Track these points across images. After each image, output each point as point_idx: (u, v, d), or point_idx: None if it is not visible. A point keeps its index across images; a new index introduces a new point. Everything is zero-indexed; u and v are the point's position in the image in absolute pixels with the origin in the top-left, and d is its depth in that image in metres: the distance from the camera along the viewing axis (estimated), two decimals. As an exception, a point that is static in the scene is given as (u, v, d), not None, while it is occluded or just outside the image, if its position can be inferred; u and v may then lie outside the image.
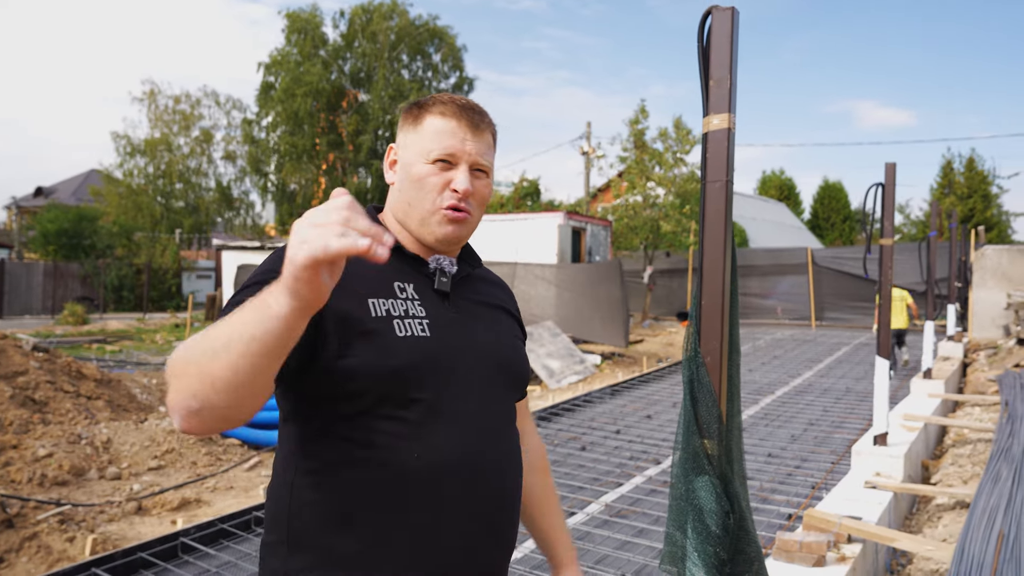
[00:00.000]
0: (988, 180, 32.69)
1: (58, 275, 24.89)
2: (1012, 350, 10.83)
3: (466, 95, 34.98)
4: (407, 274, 1.32)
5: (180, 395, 0.96)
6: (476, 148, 1.33)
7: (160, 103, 33.20)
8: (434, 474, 1.20)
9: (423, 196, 1.31)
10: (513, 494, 1.34)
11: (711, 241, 1.99)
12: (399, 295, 1.27)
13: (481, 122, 1.36)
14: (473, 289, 1.43)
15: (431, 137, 1.32)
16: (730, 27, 1.93)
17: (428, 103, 1.37)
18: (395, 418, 1.20)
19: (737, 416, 2.04)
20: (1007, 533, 3.45)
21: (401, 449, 1.19)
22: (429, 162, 1.31)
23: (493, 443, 1.30)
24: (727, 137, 1.96)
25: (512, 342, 1.45)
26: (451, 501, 1.22)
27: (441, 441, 1.21)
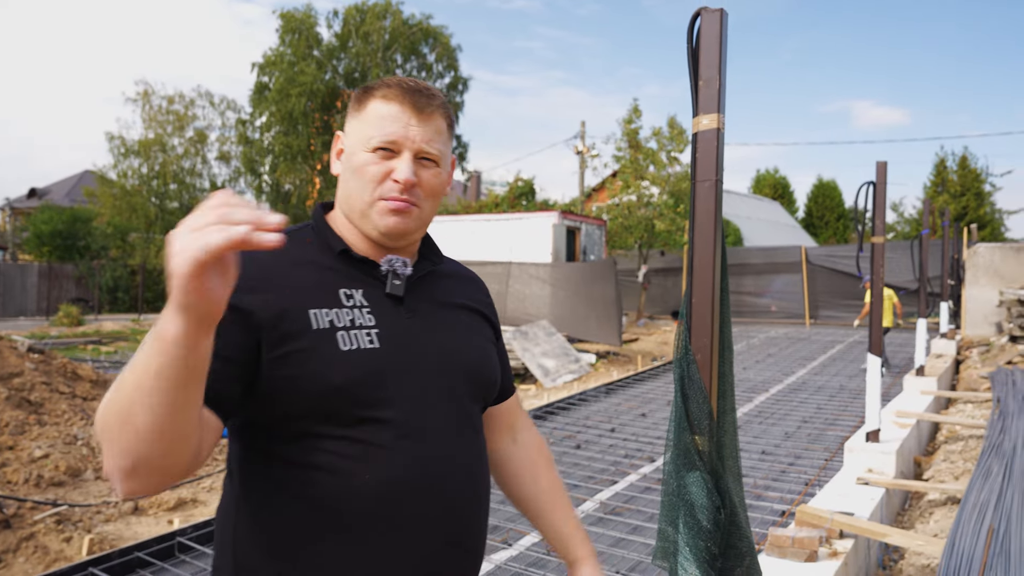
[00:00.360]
0: (981, 178, 32.83)
1: (52, 276, 24.83)
2: (1004, 347, 10.89)
3: (460, 95, 35.17)
4: (355, 279, 1.21)
5: (111, 457, 0.88)
6: (422, 134, 1.22)
7: (154, 103, 33.09)
8: (388, 496, 1.12)
9: (362, 187, 1.21)
10: (477, 509, 1.25)
11: (701, 240, 2.02)
12: (345, 303, 1.17)
13: (428, 105, 1.23)
14: (435, 288, 1.32)
15: (373, 123, 1.21)
16: (719, 28, 1.96)
17: (374, 86, 1.26)
18: (341, 438, 1.11)
19: (731, 413, 2.06)
20: (997, 527, 3.49)
21: (350, 471, 1.10)
22: (369, 150, 1.20)
23: (452, 458, 1.20)
24: (716, 137, 1.99)
25: (479, 344, 1.34)
26: (409, 523, 1.13)
27: (394, 460, 1.12)
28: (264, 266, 1.13)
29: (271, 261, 1.13)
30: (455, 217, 19.03)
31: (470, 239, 17.39)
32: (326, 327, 1.13)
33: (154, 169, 32.92)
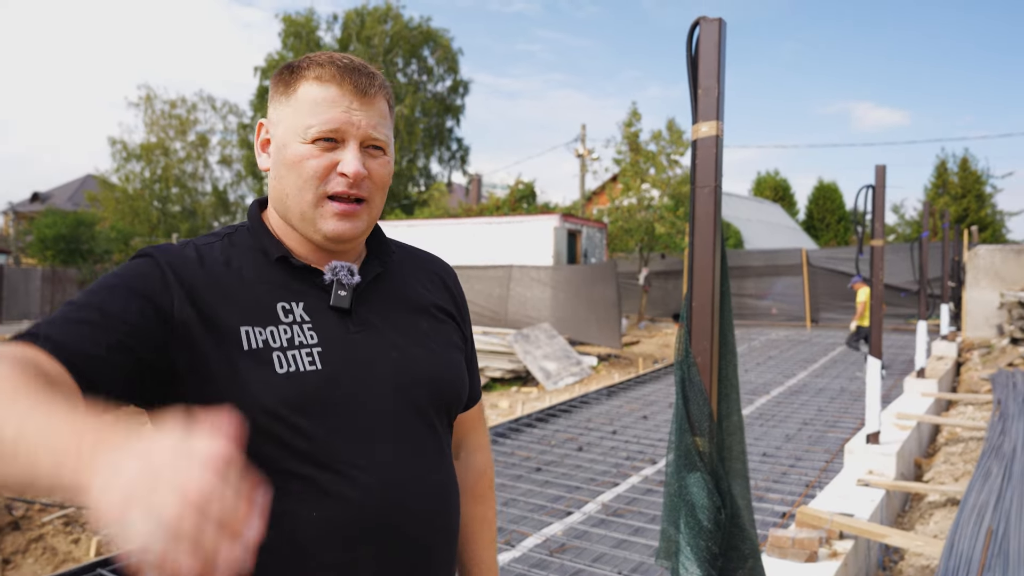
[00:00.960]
0: (982, 180, 32.85)
1: (56, 280, 24.91)
2: (1005, 349, 10.92)
3: (461, 98, 35.25)
4: (295, 291, 1.07)
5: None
6: (367, 119, 1.06)
7: (156, 108, 33.25)
8: (338, 534, 0.99)
9: (302, 184, 1.05)
10: (443, 538, 1.12)
11: (701, 244, 2.07)
12: (283, 319, 1.03)
13: (371, 86, 1.07)
14: (389, 292, 1.16)
15: (308, 109, 1.04)
16: (717, 37, 2.00)
17: (302, 65, 1.08)
18: (280, 472, 0.96)
19: (736, 415, 2.10)
20: (996, 529, 3.53)
21: (292, 513, 0.97)
22: (307, 141, 1.04)
23: (413, 485, 1.06)
24: (715, 144, 2.04)
25: (441, 354, 1.17)
26: (364, 563, 1.00)
27: (343, 497, 0.99)
28: (194, 275, 1.02)
29: (201, 270, 1.03)
30: (456, 220, 19.08)
31: (471, 242, 17.44)
32: (259, 347, 0.99)
33: (156, 173, 33.06)
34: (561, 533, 4.68)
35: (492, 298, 15.38)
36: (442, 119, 34.71)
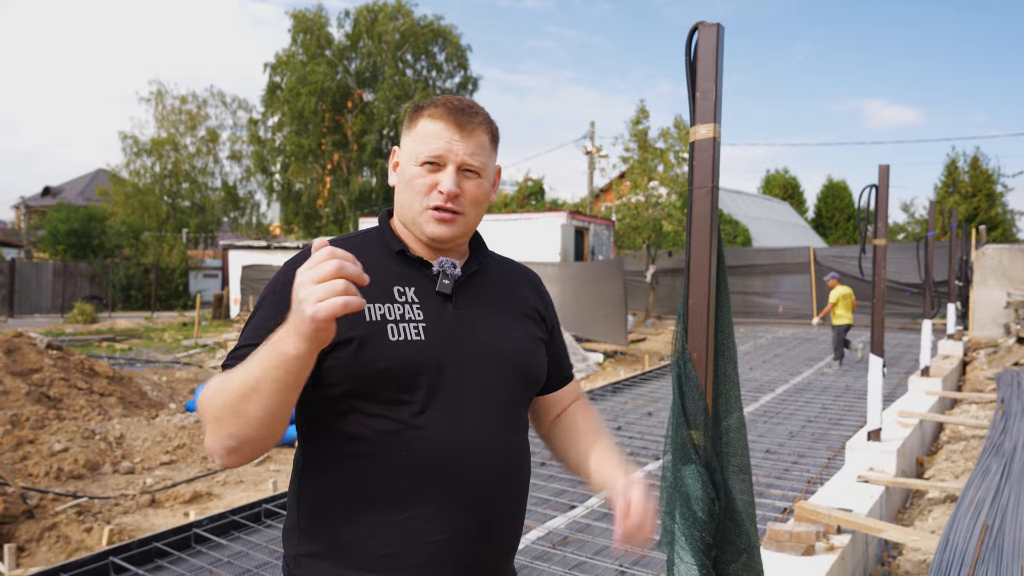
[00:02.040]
0: (993, 179, 32.70)
1: (67, 274, 25.11)
2: (1012, 348, 10.92)
3: (470, 94, 35.34)
4: (409, 278, 1.35)
5: (219, 438, 1.10)
6: (465, 149, 1.34)
7: (167, 103, 33.46)
8: (420, 472, 1.24)
9: (412, 197, 1.35)
10: (509, 492, 1.35)
11: (697, 243, 2.13)
12: (398, 299, 1.31)
13: (470, 123, 1.35)
14: (483, 286, 1.43)
15: (421, 139, 1.35)
16: (715, 42, 2.06)
17: (424, 106, 1.39)
18: (384, 416, 1.25)
19: (736, 412, 2.16)
20: (991, 524, 3.58)
21: (388, 446, 1.24)
22: (418, 164, 1.34)
23: (486, 442, 1.30)
24: (712, 146, 2.09)
25: (521, 339, 1.43)
26: (439, 498, 1.25)
27: (427, 440, 1.25)
28: None
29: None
30: (465, 217, 19.14)
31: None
32: (377, 320, 1.27)
33: (166, 168, 33.27)
34: (564, 526, 4.76)
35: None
36: (451, 115, 34.72)
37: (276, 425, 1.10)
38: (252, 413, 1.06)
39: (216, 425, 1.09)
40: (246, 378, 1.06)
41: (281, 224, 35.43)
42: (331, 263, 0.99)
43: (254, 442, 1.10)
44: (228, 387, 1.09)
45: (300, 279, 0.99)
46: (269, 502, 5.05)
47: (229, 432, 1.09)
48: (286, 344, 1.02)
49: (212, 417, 1.10)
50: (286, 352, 1.02)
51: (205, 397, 1.12)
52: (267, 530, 4.76)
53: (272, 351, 1.04)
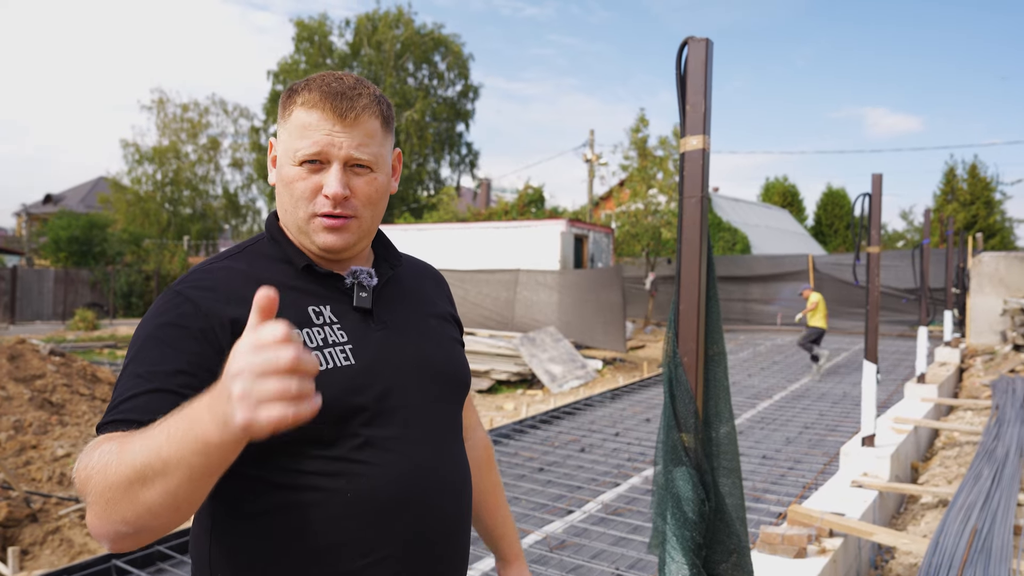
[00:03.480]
0: (991, 187, 32.79)
1: (68, 281, 25.18)
2: (1008, 356, 10.98)
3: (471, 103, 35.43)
4: (321, 295, 1.17)
5: (109, 523, 0.86)
6: (349, 141, 1.13)
7: (168, 111, 33.61)
8: (372, 512, 1.09)
9: (295, 203, 1.16)
10: (463, 515, 1.23)
11: (688, 251, 2.20)
12: (315, 322, 1.13)
13: (352, 108, 1.13)
14: (399, 293, 1.28)
15: (297, 133, 1.13)
16: (704, 56, 2.13)
17: (297, 89, 1.17)
18: (321, 457, 1.06)
19: (726, 415, 2.22)
20: (980, 528, 3.64)
21: (331, 490, 1.07)
22: (296, 164, 1.14)
23: (436, 465, 1.17)
24: (702, 156, 2.17)
25: (449, 347, 1.30)
26: (398, 536, 1.11)
27: (376, 475, 1.09)
28: (234, 288, 1.11)
29: (238, 284, 1.11)
30: (465, 224, 19.24)
31: (479, 246, 17.60)
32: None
33: (168, 176, 33.40)
34: (562, 530, 4.81)
35: (499, 301, 15.52)
36: (452, 123, 34.94)
37: (185, 513, 0.86)
38: (155, 500, 0.83)
39: (104, 508, 0.85)
40: (150, 458, 0.82)
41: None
42: (286, 354, 0.73)
43: (155, 530, 0.87)
44: (123, 463, 0.84)
45: (241, 362, 0.74)
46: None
47: (123, 518, 0.85)
48: (207, 429, 0.78)
49: (100, 498, 0.86)
50: (207, 440, 0.78)
51: (90, 469, 0.88)
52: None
53: (188, 433, 0.80)
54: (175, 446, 0.80)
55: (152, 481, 0.82)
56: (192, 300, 1.08)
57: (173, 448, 0.80)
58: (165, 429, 0.83)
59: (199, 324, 1.05)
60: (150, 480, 0.82)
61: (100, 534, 0.89)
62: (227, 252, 1.22)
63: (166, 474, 0.81)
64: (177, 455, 0.80)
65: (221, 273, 1.14)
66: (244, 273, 1.15)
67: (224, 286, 1.11)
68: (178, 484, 0.82)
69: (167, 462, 0.81)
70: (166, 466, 0.81)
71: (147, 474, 0.82)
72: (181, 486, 0.82)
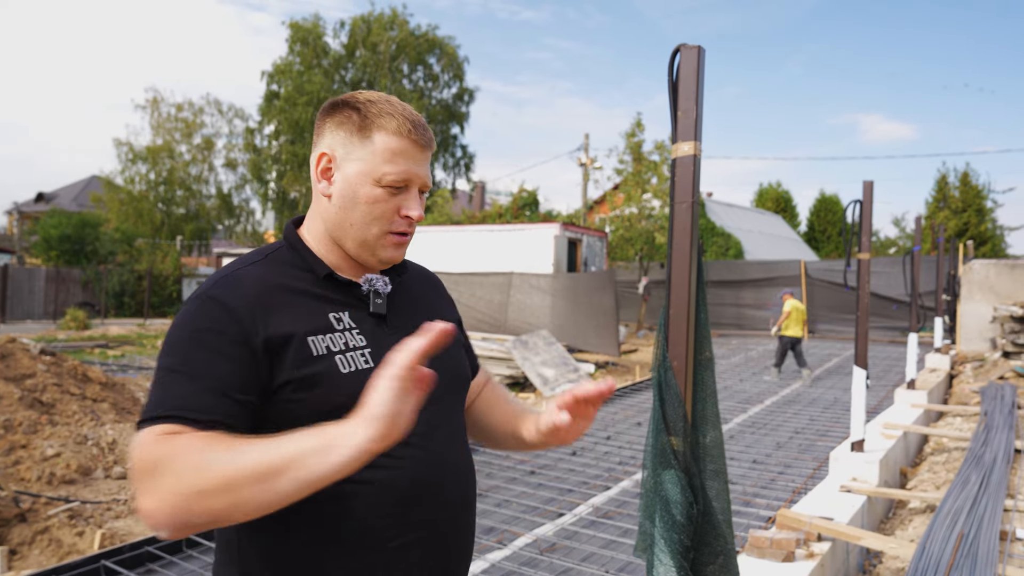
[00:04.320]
0: (983, 194, 32.97)
1: (60, 280, 25.07)
2: (997, 362, 11.04)
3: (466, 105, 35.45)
4: (340, 302, 1.25)
5: (184, 512, 0.92)
6: (425, 169, 1.27)
7: (163, 111, 33.53)
8: (394, 501, 1.18)
9: (371, 221, 1.24)
10: (470, 504, 1.33)
11: (678, 256, 2.21)
12: (336, 327, 1.21)
13: (430, 141, 1.28)
14: (407, 299, 1.37)
15: (386, 158, 1.22)
16: (696, 64, 2.15)
17: (374, 113, 1.24)
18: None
19: (713, 418, 2.24)
20: (967, 533, 3.66)
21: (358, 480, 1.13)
22: (381, 186, 1.22)
23: (446, 462, 1.27)
24: (693, 163, 2.19)
25: (453, 347, 1.39)
26: (418, 525, 1.20)
27: (398, 465, 1.18)
28: (263, 297, 1.18)
29: (265, 291, 1.19)
30: (459, 227, 19.25)
31: (473, 249, 17.61)
32: (324, 353, 1.17)
33: (161, 175, 33.30)
34: (552, 533, 4.82)
35: (492, 304, 15.53)
36: (447, 126, 34.95)
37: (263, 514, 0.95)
38: (253, 503, 0.92)
39: (188, 499, 0.92)
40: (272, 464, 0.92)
41: (276, 232, 35.48)
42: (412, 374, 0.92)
43: (222, 523, 0.96)
44: (234, 465, 0.93)
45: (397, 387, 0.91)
46: (260, 508, 5.10)
47: (208, 509, 0.92)
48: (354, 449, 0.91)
49: (188, 489, 0.92)
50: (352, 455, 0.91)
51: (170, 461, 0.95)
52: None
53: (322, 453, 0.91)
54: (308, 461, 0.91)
55: (269, 480, 0.91)
56: (226, 306, 1.15)
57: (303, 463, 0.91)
58: (300, 447, 0.93)
59: (235, 329, 1.13)
60: (266, 479, 0.91)
61: (165, 522, 0.94)
62: (248, 258, 1.27)
63: (281, 477, 0.91)
64: (305, 470, 0.91)
65: (247, 280, 1.20)
66: (268, 280, 1.22)
67: (252, 292, 1.18)
68: (298, 490, 0.92)
69: (296, 471, 0.91)
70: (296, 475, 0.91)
71: (264, 475, 0.91)
72: (300, 491, 0.92)
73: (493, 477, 6.03)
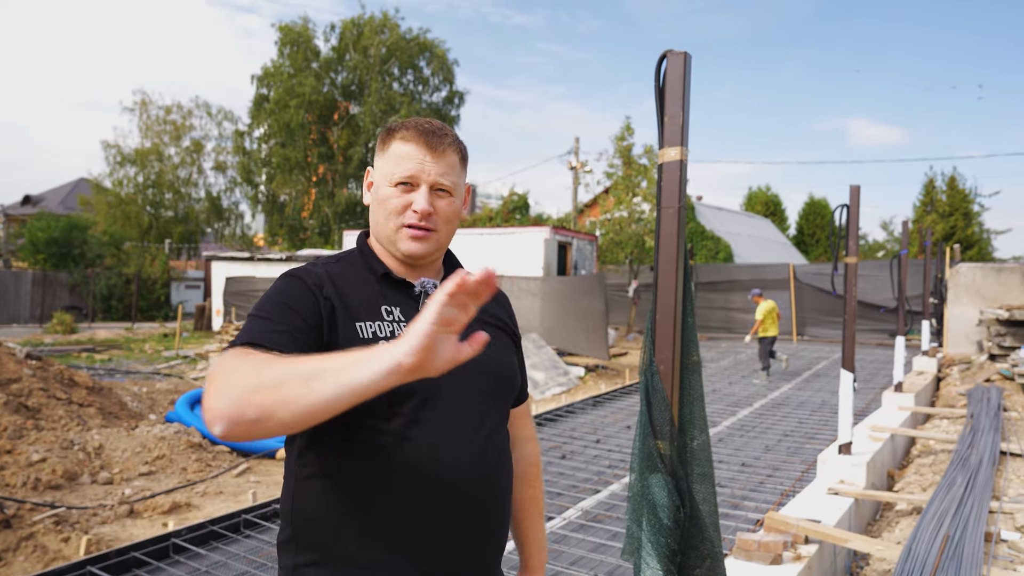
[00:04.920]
0: (969, 198, 33.23)
1: (47, 284, 24.89)
2: (984, 365, 11.12)
3: (456, 108, 35.40)
4: (394, 298, 1.42)
5: (237, 406, 1.00)
6: (436, 169, 1.42)
7: (151, 113, 33.34)
8: (413, 481, 1.30)
9: (387, 216, 1.43)
10: (497, 499, 1.41)
11: (664, 260, 2.22)
12: (386, 318, 1.38)
13: (441, 144, 1.43)
14: None
15: (394, 161, 1.42)
16: (683, 70, 2.16)
17: (396, 128, 1.46)
18: (378, 430, 1.29)
19: (701, 422, 2.24)
20: (952, 534, 3.69)
21: (384, 458, 1.29)
22: (392, 185, 1.42)
23: (474, 452, 1.36)
24: (679, 168, 2.19)
25: (501, 353, 1.52)
26: (432, 506, 1.31)
27: (421, 451, 1.30)
28: (333, 280, 1.39)
29: (335, 280, 1.39)
30: (448, 230, 19.22)
31: (463, 253, 17.55)
32: (370, 337, 1.34)
33: (150, 178, 33.10)
34: (541, 537, 4.81)
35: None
36: (436, 129, 34.85)
37: (307, 423, 1.01)
38: (302, 402, 0.98)
39: (252, 391, 1.00)
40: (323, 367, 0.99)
41: (265, 235, 35.34)
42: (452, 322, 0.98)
43: (271, 426, 1.00)
44: (292, 366, 1.01)
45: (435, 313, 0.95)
46: (249, 512, 5.08)
47: (260, 406, 0.99)
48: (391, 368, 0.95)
49: (251, 383, 1.01)
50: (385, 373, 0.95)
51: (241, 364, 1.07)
52: (247, 540, 4.78)
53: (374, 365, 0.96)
54: (356, 369, 0.97)
55: (311, 389, 0.98)
56: (303, 281, 1.36)
57: (349, 369, 0.97)
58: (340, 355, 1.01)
59: (307, 295, 1.33)
60: (311, 389, 0.98)
61: (223, 413, 1.01)
62: (327, 259, 1.49)
63: (337, 380, 0.97)
64: (349, 374, 0.97)
65: (322, 269, 1.42)
66: (338, 275, 1.42)
67: (325, 276, 1.39)
68: (338, 398, 0.97)
69: (340, 374, 0.97)
70: (338, 377, 0.97)
71: (310, 376, 0.98)
72: (340, 399, 0.97)
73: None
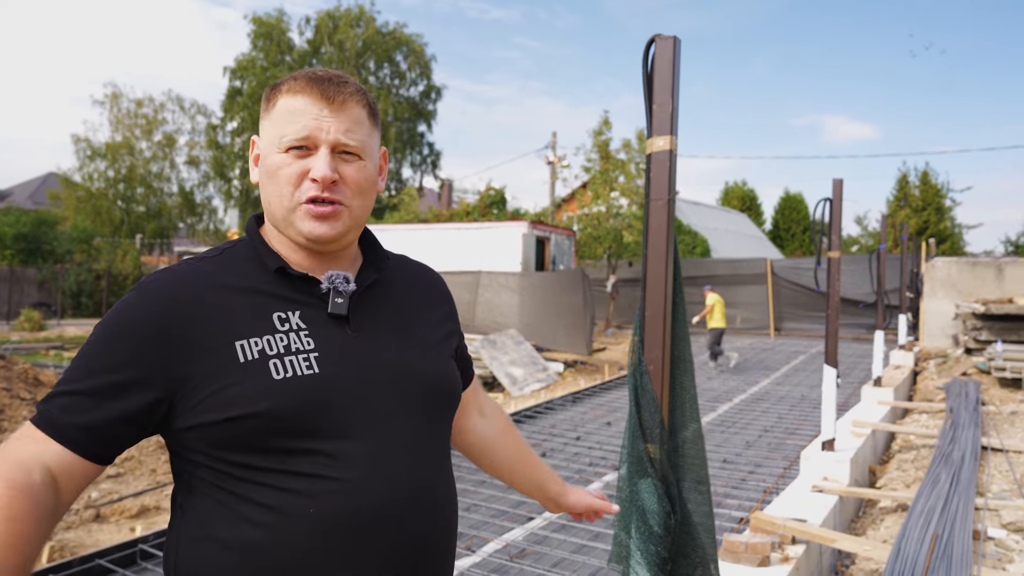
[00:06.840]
0: (942, 193, 33.64)
1: (14, 280, 24.35)
2: (960, 359, 11.20)
3: (434, 103, 35.21)
4: (292, 300, 1.11)
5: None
6: (337, 125, 1.10)
7: (122, 107, 32.76)
8: (336, 531, 1.02)
9: (280, 191, 1.11)
10: (441, 532, 1.15)
11: (654, 255, 2.11)
12: (279, 328, 1.07)
13: (340, 93, 1.11)
14: (385, 298, 1.21)
15: (282, 120, 1.10)
16: (672, 55, 2.05)
17: (283, 81, 1.15)
18: (281, 472, 1.02)
19: (693, 423, 2.14)
20: (941, 533, 3.63)
21: (293, 506, 1.01)
22: (282, 150, 1.10)
23: (412, 481, 1.10)
24: (669, 158, 2.08)
25: (435, 355, 1.23)
26: (361, 560, 1.04)
27: (341, 492, 1.03)
28: (188, 302, 1.06)
29: (195, 294, 1.07)
30: (426, 225, 19.07)
31: (440, 248, 17.44)
32: (255, 358, 1.04)
33: (121, 173, 32.55)
34: (522, 538, 4.71)
35: (460, 304, 15.38)
36: (414, 123, 34.69)
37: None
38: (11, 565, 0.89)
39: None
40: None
41: (239, 230, 34.89)
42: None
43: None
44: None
45: None
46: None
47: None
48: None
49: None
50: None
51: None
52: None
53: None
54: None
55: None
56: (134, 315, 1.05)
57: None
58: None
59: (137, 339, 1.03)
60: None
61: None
62: (205, 253, 1.17)
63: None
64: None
65: (188, 275, 1.10)
66: (209, 275, 1.10)
67: (174, 302, 1.06)
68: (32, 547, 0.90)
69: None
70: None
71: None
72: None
73: (462, 480, 5.90)
